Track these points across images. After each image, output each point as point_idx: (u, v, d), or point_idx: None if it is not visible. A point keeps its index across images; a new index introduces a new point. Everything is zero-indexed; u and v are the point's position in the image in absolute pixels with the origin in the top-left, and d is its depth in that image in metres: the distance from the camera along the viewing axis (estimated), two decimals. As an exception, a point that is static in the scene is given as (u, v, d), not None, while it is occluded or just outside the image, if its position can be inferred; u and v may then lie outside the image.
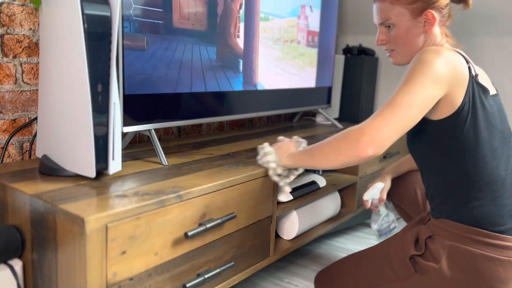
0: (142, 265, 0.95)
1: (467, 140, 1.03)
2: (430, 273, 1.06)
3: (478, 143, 1.03)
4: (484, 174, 1.04)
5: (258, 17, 1.65)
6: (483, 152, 1.03)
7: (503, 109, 1.13)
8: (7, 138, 1.25)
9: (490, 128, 1.04)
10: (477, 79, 1.04)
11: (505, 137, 1.08)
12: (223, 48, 1.51)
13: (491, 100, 1.07)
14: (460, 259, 1.04)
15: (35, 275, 0.98)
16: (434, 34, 1.13)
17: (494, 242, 1.02)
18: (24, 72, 1.26)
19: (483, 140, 1.03)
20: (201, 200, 1.07)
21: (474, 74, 1.05)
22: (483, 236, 1.03)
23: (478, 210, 1.04)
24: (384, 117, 0.97)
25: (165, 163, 1.25)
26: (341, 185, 1.67)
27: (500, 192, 1.04)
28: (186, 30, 1.37)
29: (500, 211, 1.03)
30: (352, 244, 2.03)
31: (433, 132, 1.06)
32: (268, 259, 1.36)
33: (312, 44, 1.99)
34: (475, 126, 1.02)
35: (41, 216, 0.93)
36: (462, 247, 1.04)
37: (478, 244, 1.03)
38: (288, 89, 1.88)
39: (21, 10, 1.23)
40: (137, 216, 0.92)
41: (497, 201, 1.04)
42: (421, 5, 1.10)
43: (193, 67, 1.41)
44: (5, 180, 1.03)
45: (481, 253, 1.02)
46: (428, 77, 0.98)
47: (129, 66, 1.21)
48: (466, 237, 1.04)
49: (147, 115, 1.29)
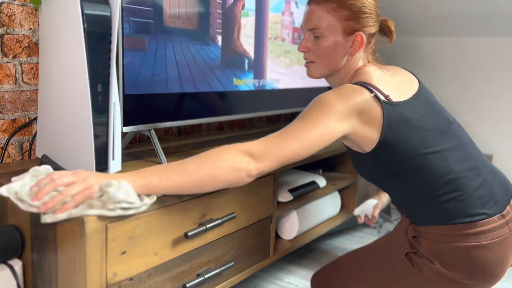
0: (142, 265, 0.95)
1: (404, 157, 1.04)
2: (427, 268, 1.08)
3: (417, 155, 1.03)
4: (437, 178, 1.04)
5: (266, 17, 1.64)
6: (426, 160, 1.04)
7: (431, 101, 1.12)
8: (7, 138, 1.25)
9: (423, 135, 1.04)
10: (389, 101, 1.03)
11: (443, 130, 1.08)
12: (223, 47, 1.51)
13: (411, 104, 1.06)
14: (449, 257, 1.06)
15: (35, 275, 0.98)
16: (356, 58, 1.13)
17: (473, 231, 1.04)
18: (24, 72, 1.26)
19: (420, 149, 1.03)
20: (201, 200, 1.06)
21: (384, 98, 1.02)
22: (461, 229, 1.05)
23: (447, 209, 1.06)
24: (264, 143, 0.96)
25: (165, 163, 1.25)
26: (341, 185, 1.67)
27: (459, 186, 1.05)
28: (186, 30, 1.37)
29: (466, 203, 1.05)
30: (352, 244, 2.03)
31: (372, 161, 1.07)
32: (268, 259, 1.36)
33: (299, 42, 1.94)
34: (406, 143, 1.02)
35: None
36: (446, 245, 1.06)
37: (460, 238, 1.05)
38: (288, 89, 1.87)
39: (21, 10, 1.23)
40: (137, 216, 0.92)
41: (460, 196, 1.05)
42: (354, 25, 1.08)
43: (193, 67, 1.41)
44: (5, 180, 1.03)
45: (466, 245, 1.04)
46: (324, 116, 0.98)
47: (129, 66, 1.21)
48: (446, 235, 1.06)
49: (147, 115, 1.29)
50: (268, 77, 1.76)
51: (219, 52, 1.50)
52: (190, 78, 1.41)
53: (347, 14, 1.08)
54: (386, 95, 1.04)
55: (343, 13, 1.08)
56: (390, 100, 1.03)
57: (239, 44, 1.58)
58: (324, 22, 1.08)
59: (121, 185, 0.82)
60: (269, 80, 1.76)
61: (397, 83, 1.11)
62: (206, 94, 1.48)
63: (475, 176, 1.07)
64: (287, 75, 1.87)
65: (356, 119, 1.00)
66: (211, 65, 1.48)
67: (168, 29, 1.31)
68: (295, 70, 1.91)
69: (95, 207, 0.82)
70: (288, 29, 1.83)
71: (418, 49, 2.42)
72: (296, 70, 1.93)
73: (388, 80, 1.10)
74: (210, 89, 1.49)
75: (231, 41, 1.54)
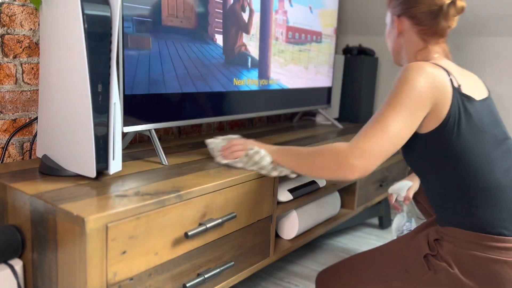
0: (142, 265, 0.95)
1: (455, 149, 1.05)
2: (444, 272, 1.06)
3: (467, 151, 1.04)
4: (478, 181, 1.04)
5: (270, 17, 1.64)
6: (474, 160, 1.04)
7: (494, 112, 1.13)
8: (8, 138, 1.25)
9: (478, 135, 1.05)
10: (460, 90, 1.06)
11: (498, 141, 1.08)
12: (224, 46, 1.51)
13: (478, 105, 1.08)
14: (467, 264, 1.04)
15: (35, 275, 0.98)
16: (409, 41, 1.19)
17: (497, 245, 1.02)
18: (24, 72, 1.26)
19: (472, 147, 1.04)
20: (201, 200, 1.07)
21: (456, 85, 1.06)
22: (486, 240, 1.03)
23: (477, 216, 1.04)
24: (373, 143, 1.01)
25: (165, 163, 1.25)
26: (341, 185, 1.67)
27: (498, 197, 1.04)
28: (185, 29, 1.37)
29: (500, 215, 1.03)
30: (352, 244, 2.03)
31: (423, 145, 1.09)
32: (268, 259, 1.36)
33: (294, 41, 1.87)
34: (462, 135, 1.04)
35: (41, 216, 0.93)
36: (465, 252, 1.04)
37: (483, 248, 1.03)
38: (288, 89, 1.88)
39: (21, 10, 1.23)
40: (137, 216, 0.92)
41: (495, 206, 1.04)
42: (396, 10, 1.19)
43: (194, 67, 1.41)
44: (5, 180, 1.03)
45: (487, 256, 1.02)
46: (412, 100, 1.02)
47: (130, 66, 1.21)
48: (470, 242, 1.04)
49: (147, 115, 1.29)
50: (272, 77, 1.76)
51: (220, 51, 1.50)
52: (190, 78, 1.41)
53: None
54: (459, 84, 1.07)
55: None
56: (461, 90, 1.06)
57: (241, 43, 1.58)
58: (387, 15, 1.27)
59: (261, 152, 1.21)
60: (274, 80, 1.76)
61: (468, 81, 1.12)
62: (206, 94, 1.48)
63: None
64: (283, 75, 1.84)
65: (434, 101, 1.04)
66: (211, 65, 1.48)
67: (168, 28, 1.31)
68: (289, 69, 1.88)
69: (243, 162, 1.23)
70: (281, 28, 1.79)
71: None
72: (291, 69, 1.89)
73: (462, 74, 1.12)
74: (210, 89, 1.49)
75: (232, 40, 1.54)
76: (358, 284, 1.21)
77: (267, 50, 1.72)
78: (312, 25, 1.98)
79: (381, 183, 1.99)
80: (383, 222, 2.25)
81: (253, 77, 1.67)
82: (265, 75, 1.73)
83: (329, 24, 2.11)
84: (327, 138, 1.80)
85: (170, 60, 1.33)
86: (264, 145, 1.25)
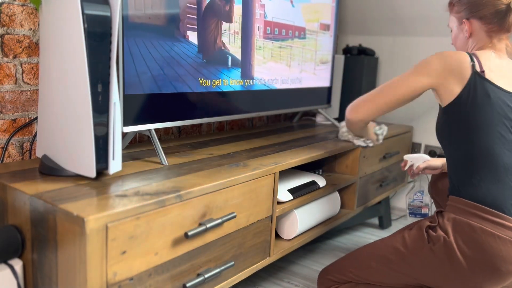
0: (142, 265, 0.95)
1: (470, 123, 1.16)
2: (440, 242, 1.13)
3: (481, 128, 1.15)
4: (488, 156, 1.14)
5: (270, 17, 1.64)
6: (488, 136, 1.14)
7: None
8: (7, 138, 1.25)
9: (496, 116, 1.15)
10: (481, 74, 1.17)
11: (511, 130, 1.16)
12: (221, 46, 1.51)
13: (501, 92, 1.17)
14: (462, 231, 1.11)
15: (35, 275, 0.98)
16: (478, 40, 1.28)
17: (495, 219, 1.10)
18: (24, 72, 1.26)
19: (487, 125, 1.14)
20: (201, 200, 1.07)
21: (479, 70, 1.17)
22: (484, 212, 1.11)
23: (481, 188, 1.13)
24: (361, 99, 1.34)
25: (165, 163, 1.25)
26: (341, 185, 1.67)
27: (503, 175, 1.13)
28: (184, 29, 1.37)
29: (502, 193, 1.12)
30: (352, 244, 2.03)
31: (443, 117, 1.23)
32: (268, 259, 1.36)
33: (273, 37, 1.75)
34: (477, 112, 1.15)
35: (41, 216, 0.93)
36: (463, 220, 1.12)
37: (479, 219, 1.11)
38: (288, 89, 1.87)
39: (21, 10, 1.23)
40: (137, 216, 0.92)
41: (499, 183, 1.12)
42: (463, 14, 1.29)
43: (193, 67, 1.41)
44: (5, 180, 1.03)
45: (481, 227, 1.10)
46: (417, 69, 1.23)
47: (129, 66, 1.21)
48: (468, 211, 1.13)
49: (147, 115, 1.29)
50: (256, 76, 1.75)
51: (220, 51, 1.50)
52: (190, 78, 1.41)
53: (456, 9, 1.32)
54: (482, 70, 1.18)
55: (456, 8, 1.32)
56: (483, 75, 1.17)
57: (220, 42, 1.58)
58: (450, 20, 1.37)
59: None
60: (257, 79, 1.76)
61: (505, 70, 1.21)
62: (206, 94, 1.48)
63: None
64: (263, 73, 1.73)
65: (445, 75, 1.19)
66: (210, 65, 1.48)
67: (167, 28, 1.31)
68: (269, 67, 1.75)
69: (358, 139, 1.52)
70: (258, 23, 1.66)
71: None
72: (271, 67, 1.76)
73: (496, 63, 1.22)
74: (209, 89, 1.49)
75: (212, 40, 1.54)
76: (358, 269, 1.27)
77: (251, 49, 1.72)
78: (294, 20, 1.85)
79: (381, 183, 1.99)
80: (383, 222, 2.25)
81: (239, 76, 1.67)
82: (250, 75, 1.73)
83: (314, 19, 1.97)
84: (327, 138, 1.80)
85: (169, 60, 1.33)
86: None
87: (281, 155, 1.44)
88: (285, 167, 1.34)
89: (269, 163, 1.31)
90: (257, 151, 1.47)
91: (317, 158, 1.50)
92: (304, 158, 1.43)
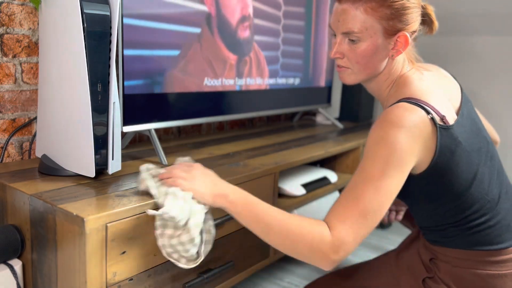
0: (142, 265, 0.95)
1: (449, 182, 0.96)
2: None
3: (461, 178, 0.96)
4: (474, 204, 0.98)
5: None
6: (466, 185, 0.97)
7: (473, 116, 1.05)
8: (7, 137, 1.24)
9: (468, 157, 0.96)
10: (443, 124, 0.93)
11: (482, 153, 1.01)
12: (224, 45, 1.51)
13: (460, 123, 0.97)
14: (468, 282, 1.01)
15: (35, 275, 0.98)
16: (397, 61, 1.01)
17: (496, 259, 1.00)
18: (23, 71, 1.26)
19: (465, 172, 0.96)
20: (201, 200, 1.06)
21: (439, 120, 0.93)
22: (485, 256, 1.00)
23: (474, 236, 1.00)
24: (356, 233, 0.86)
25: (165, 163, 1.25)
26: (341, 185, 1.67)
27: (493, 213, 1.00)
28: (183, 28, 1.37)
29: (496, 230, 1.00)
30: (352, 244, 2.03)
31: (417, 184, 0.98)
32: (268, 259, 1.36)
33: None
34: (455, 165, 0.95)
35: (40, 216, 0.92)
36: (467, 270, 1.01)
37: (483, 264, 1.00)
38: (288, 88, 1.87)
39: (20, 9, 1.23)
40: (137, 216, 0.92)
41: (491, 223, 1.00)
42: (397, 24, 0.95)
43: (193, 67, 1.41)
44: (4, 180, 1.03)
45: (487, 273, 0.99)
46: (394, 165, 0.87)
47: (129, 65, 1.21)
48: (468, 260, 1.01)
49: (147, 114, 1.29)
50: (256, 76, 1.75)
51: (218, 50, 1.50)
52: (190, 78, 1.41)
53: (388, 13, 0.94)
54: (442, 116, 0.93)
55: (383, 12, 0.93)
56: (446, 123, 0.94)
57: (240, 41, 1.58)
58: (361, 25, 0.94)
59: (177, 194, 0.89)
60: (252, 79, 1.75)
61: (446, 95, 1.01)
62: (206, 94, 1.48)
63: (504, 201, 1.02)
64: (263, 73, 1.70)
65: (419, 150, 0.91)
66: (211, 65, 1.48)
67: (167, 28, 1.31)
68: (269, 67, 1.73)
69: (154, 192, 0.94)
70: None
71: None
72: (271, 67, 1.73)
73: (438, 93, 0.99)
74: (209, 89, 1.49)
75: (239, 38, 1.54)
76: None
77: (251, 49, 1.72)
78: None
79: (381, 183, 1.98)
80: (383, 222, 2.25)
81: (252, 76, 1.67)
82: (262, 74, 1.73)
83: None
84: (328, 137, 1.80)
85: (169, 60, 1.33)
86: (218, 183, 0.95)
87: (281, 154, 1.43)
88: (286, 167, 1.34)
89: (269, 163, 1.31)
90: (257, 151, 1.47)
91: (317, 158, 1.50)
92: (304, 158, 1.43)
